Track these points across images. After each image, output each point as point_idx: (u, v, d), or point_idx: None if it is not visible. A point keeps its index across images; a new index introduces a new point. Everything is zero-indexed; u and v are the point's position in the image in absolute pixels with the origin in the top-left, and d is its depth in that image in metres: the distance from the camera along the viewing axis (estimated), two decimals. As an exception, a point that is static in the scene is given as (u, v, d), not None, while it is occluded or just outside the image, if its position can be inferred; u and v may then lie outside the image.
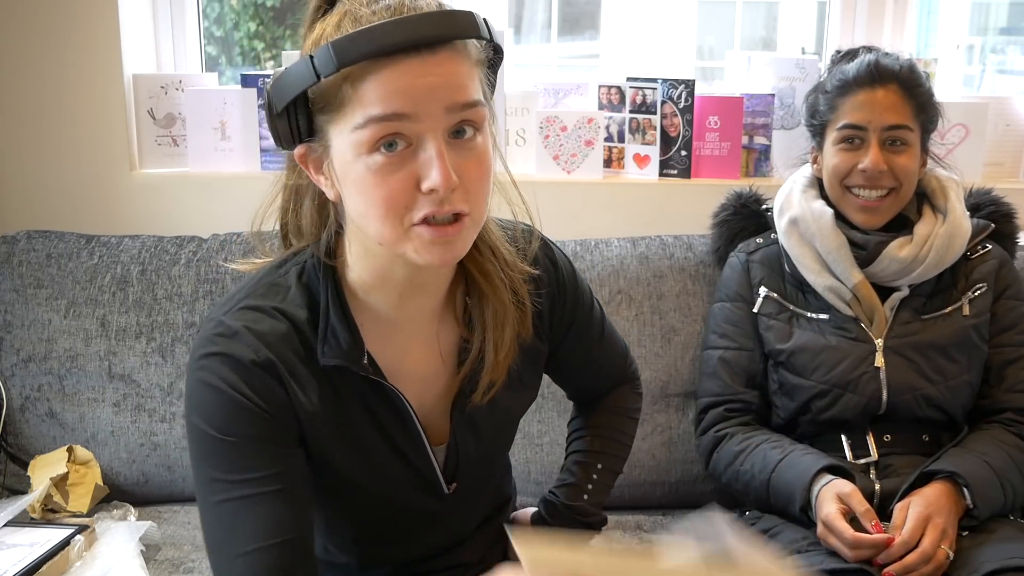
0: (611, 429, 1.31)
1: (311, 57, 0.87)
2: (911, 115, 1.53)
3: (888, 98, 1.52)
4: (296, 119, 0.91)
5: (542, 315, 1.14)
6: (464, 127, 0.91)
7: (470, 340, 1.07)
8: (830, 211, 1.57)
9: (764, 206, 1.72)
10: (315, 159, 0.95)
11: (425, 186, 0.88)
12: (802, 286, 1.60)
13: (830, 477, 1.42)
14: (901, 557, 1.32)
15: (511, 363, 1.08)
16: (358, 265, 1.01)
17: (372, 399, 1.03)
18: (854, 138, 1.54)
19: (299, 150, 0.95)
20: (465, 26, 0.89)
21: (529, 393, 1.18)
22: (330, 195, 0.97)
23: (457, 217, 0.91)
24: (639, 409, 1.35)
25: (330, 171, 0.94)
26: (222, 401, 0.95)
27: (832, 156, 1.57)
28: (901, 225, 1.58)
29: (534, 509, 1.29)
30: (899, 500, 1.40)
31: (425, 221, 0.90)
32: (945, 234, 1.54)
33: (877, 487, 1.47)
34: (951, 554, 1.34)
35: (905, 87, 1.52)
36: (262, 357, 0.96)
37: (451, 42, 0.89)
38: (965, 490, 1.39)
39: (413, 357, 1.06)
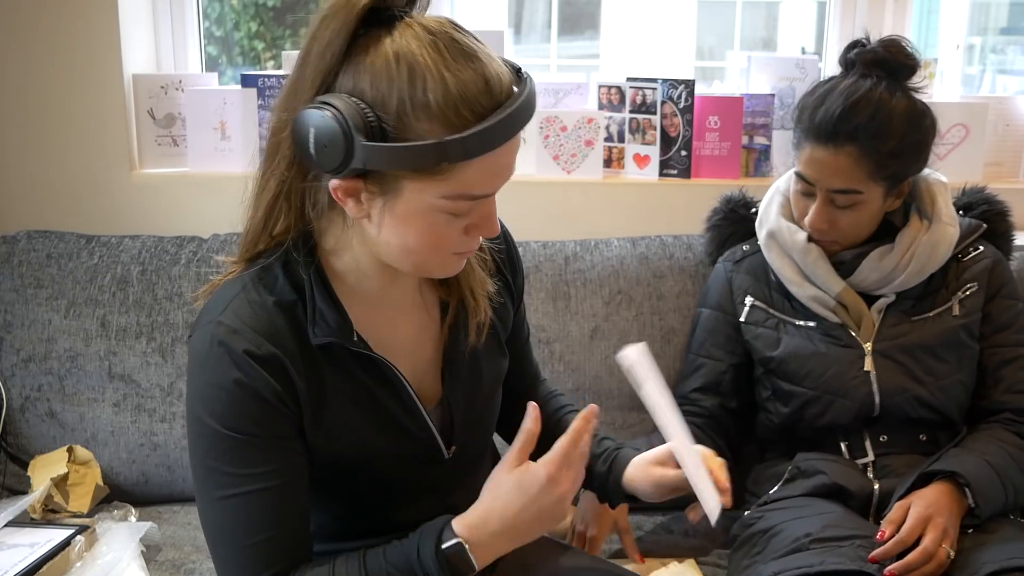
0: None
1: (444, 144, 0.91)
2: (865, 177, 1.46)
3: (840, 163, 1.46)
4: (371, 171, 0.94)
5: (502, 269, 1.24)
6: None
7: (449, 296, 1.16)
8: (804, 231, 1.58)
9: (754, 210, 1.72)
10: (353, 189, 0.97)
11: (484, 235, 1.03)
12: (788, 294, 1.60)
13: None
14: (898, 556, 1.32)
15: (489, 317, 1.17)
16: (354, 260, 1.06)
17: (364, 375, 1.08)
18: (805, 190, 1.53)
19: (344, 183, 0.96)
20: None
21: (502, 358, 1.25)
22: (355, 215, 1.00)
23: None
24: None
25: (376, 205, 0.98)
26: (231, 399, 1.00)
27: (792, 191, 1.58)
28: (886, 231, 1.57)
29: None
30: (899, 500, 1.41)
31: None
32: (928, 243, 1.53)
33: (876, 487, 1.48)
34: (952, 553, 1.34)
35: (865, 147, 1.44)
36: (264, 351, 1.00)
37: None
38: (966, 490, 1.39)
39: (403, 327, 1.13)
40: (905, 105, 1.47)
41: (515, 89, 0.96)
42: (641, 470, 1.25)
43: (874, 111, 1.45)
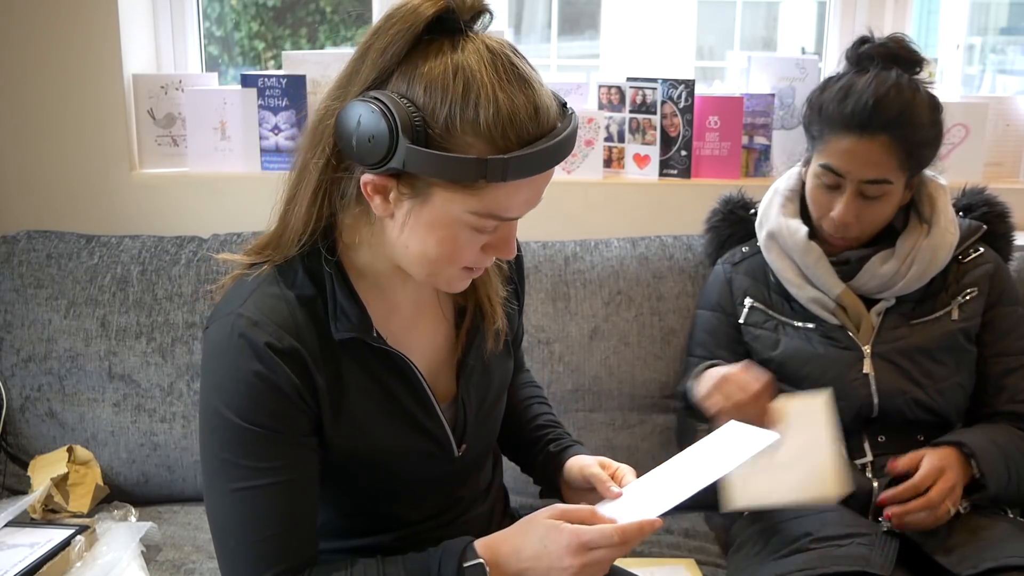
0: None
1: (486, 162, 0.92)
2: (896, 167, 1.47)
3: (873, 152, 1.46)
4: (406, 173, 0.95)
5: (511, 275, 1.26)
6: None
7: (466, 302, 1.18)
8: (805, 228, 1.57)
9: (753, 211, 1.72)
10: (384, 186, 0.98)
11: (499, 256, 1.05)
12: (787, 295, 1.60)
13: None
14: (906, 501, 1.36)
15: (502, 324, 1.19)
16: (372, 258, 1.07)
17: (381, 371, 1.09)
18: (832, 182, 1.51)
19: (376, 179, 0.97)
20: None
21: (510, 360, 1.27)
22: (380, 213, 1.01)
23: None
24: None
25: (403, 207, 0.99)
26: (250, 391, 1.00)
27: (812, 186, 1.55)
28: (885, 235, 1.57)
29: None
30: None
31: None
32: (928, 248, 1.53)
33: (875, 485, 1.48)
34: (952, 510, 1.35)
35: (896, 137, 1.45)
36: (285, 344, 1.01)
37: None
38: (972, 461, 1.41)
39: (418, 326, 1.15)
40: (927, 97, 1.50)
41: (559, 123, 0.97)
42: (580, 459, 1.24)
43: (905, 101, 1.46)
